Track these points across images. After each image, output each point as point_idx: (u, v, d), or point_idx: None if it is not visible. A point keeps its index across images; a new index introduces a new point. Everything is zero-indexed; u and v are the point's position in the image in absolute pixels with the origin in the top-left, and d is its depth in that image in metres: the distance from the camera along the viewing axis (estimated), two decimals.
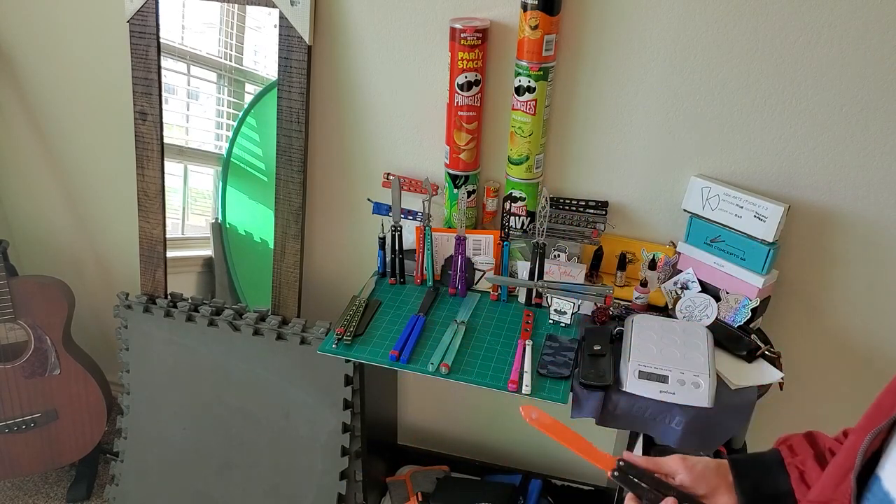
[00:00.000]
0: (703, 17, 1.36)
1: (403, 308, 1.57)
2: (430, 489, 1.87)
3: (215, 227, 1.81)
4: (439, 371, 1.37)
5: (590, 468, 1.95)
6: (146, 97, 1.71)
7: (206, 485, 1.84)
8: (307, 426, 1.71)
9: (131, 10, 1.65)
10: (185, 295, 1.84)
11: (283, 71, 1.59)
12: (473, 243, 1.61)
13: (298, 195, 1.68)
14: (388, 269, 1.67)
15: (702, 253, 1.50)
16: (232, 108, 1.70)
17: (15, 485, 2.10)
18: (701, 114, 1.44)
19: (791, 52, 1.34)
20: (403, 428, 2.10)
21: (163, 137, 1.74)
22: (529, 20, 1.37)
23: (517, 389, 1.33)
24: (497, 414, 1.98)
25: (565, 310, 1.49)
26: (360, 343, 1.46)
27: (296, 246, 1.72)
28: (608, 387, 1.34)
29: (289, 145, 1.64)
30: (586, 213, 1.57)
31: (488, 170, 1.64)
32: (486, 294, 1.63)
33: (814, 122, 1.39)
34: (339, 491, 1.71)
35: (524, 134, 1.49)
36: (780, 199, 1.41)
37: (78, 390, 1.92)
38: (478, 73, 1.47)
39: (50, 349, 1.86)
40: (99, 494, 2.07)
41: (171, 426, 1.84)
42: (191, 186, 1.79)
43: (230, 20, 1.62)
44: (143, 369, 1.84)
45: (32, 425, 1.91)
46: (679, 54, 1.40)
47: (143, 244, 1.83)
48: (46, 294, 1.85)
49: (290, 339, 1.67)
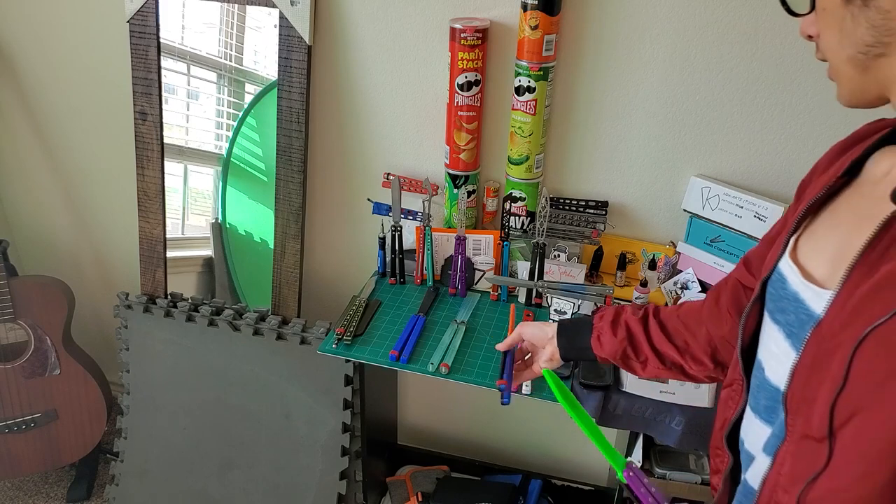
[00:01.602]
0: (702, 16, 1.36)
1: (403, 308, 1.57)
2: (430, 489, 1.87)
3: (215, 227, 1.81)
4: (439, 371, 1.37)
5: (589, 468, 1.95)
6: (146, 97, 1.71)
7: (206, 485, 1.83)
8: (307, 426, 1.71)
9: (131, 10, 1.65)
10: (185, 295, 1.84)
11: (283, 71, 1.59)
12: (473, 243, 1.61)
13: (298, 195, 1.68)
14: (388, 269, 1.67)
15: (702, 253, 1.50)
16: (232, 108, 1.70)
17: (15, 485, 2.10)
18: (701, 114, 1.44)
19: (791, 52, 1.34)
20: (403, 428, 2.10)
21: (163, 137, 1.74)
22: (529, 20, 1.37)
23: (517, 389, 1.33)
24: (497, 414, 1.98)
25: (565, 310, 1.49)
26: (360, 343, 1.46)
27: (296, 246, 1.72)
28: (608, 387, 1.34)
29: (289, 145, 1.64)
30: (586, 213, 1.57)
31: (488, 170, 1.64)
32: (486, 294, 1.63)
33: (814, 121, 1.39)
34: (339, 491, 1.71)
35: (524, 134, 1.49)
36: (780, 199, 1.41)
37: (78, 390, 1.92)
38: (478, 73, 1.47)
39: (50, 349, 1.86)
40: (99, 494, 2.07)
41: (171, 426, 1.84)
42: (191, 186, 1.79)
43: (230, 20, 1.62)
44: (143, 369, 1.84)
45: (32, 425, 1.91)
46: (679, 54, 1.40)
47: (143, 244, 1.83)
48: (46, 294, 1.85)
49: (290, 339, 1.67)
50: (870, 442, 0.58)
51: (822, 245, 0.68)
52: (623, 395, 1.33)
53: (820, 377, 0.62)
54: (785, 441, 0.67)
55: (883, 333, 0.56)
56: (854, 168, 0.69)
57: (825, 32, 0.65)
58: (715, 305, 0.93)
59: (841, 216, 0.68)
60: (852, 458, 0.59)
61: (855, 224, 0.63)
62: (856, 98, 0.66)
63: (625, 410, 1.34)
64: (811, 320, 0.64)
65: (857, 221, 0.63)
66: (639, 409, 1.33)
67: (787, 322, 0.69)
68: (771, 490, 0.69)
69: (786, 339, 0.69)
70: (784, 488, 0.66)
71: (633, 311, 1.02)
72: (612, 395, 1.33)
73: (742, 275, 0.90)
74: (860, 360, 0.57)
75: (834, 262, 0.64)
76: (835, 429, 0.60)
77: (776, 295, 0.72)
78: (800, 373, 0.65)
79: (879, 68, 0.61)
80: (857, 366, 0.58)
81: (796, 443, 0.66)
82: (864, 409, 0.58)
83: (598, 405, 1.34)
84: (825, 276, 0.65)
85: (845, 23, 0.61)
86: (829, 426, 0.60)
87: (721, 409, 0.83)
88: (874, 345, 0.56)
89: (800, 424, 0.65)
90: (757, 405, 0.74)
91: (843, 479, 0.60)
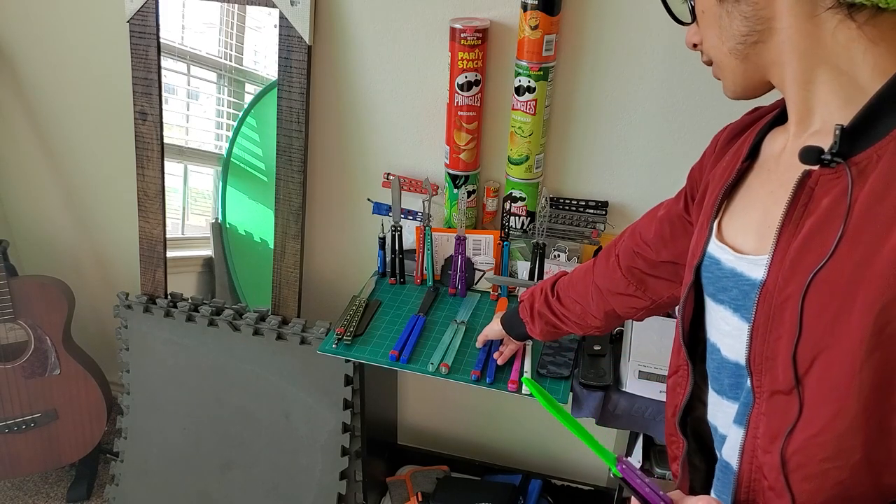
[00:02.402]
0: None
1: (403, 308, 1.57)
2: (430, 489, 1.87)
3: (215, 227, 1.81)
4: (439, 371, 1.37)
5: (589, 469, 1.95)
6: (146, 97, 1.71)
7: (206, 485, 1.84)
8: (307, 426, 1.71)
9: (131, 10, 1.65)
10: (185, 295, 1.84)
11: (283, 71, 1.59)
12: (473, 243, 1.61)
13: (298, 195, 1.68)
14: (388, 269, 1.67)
15: None
16: (232, 108, 1.70)
17: (15, 485, 2.10)
18: (701, 113, 1.44)
19: None
20: (403, 428, 2.10)
21: (163, 137, 1.74)
22: (529, 20, 1.37)
23: (517, 390, 1.33)
24: (497, 414, 1.98)
25: None
26: (360, 343, 1.46)
27: (296, 246, 1.72)
28: (608, 387, 1.34)
29: (289, 145, 1.64)
30: (586, 213, 1.57)
31: (488, 170, 1.64)
32: (486, 294, 1.63)
33: None
34: (339, 491, 1.71)
35: (524, 134, 1.49)
36: None
37: (78, 390, 1.92)
38: (478, 73, 1.47)
39: (50, 349, 1.86)
40: (99, 494, 2.07)
41: (171, 426, 1.84)
42: (191, 186, 1.79)
43: (230, 20, 1.62)
44: (143, 369, 1.84)
45: (32, 425, 1.91)
46: (679, 54, 1.40)
47: (143, 244, 1.83)
48: (46, 294, 1.85)
49: (290, 339, 1.67)
50: (834, 379, 0.61)
51: (744, 221, 0.73)
52: (623, 395, 1.33)
53: (777, 333, 0.66)
54: (755, 404, 0.70)
55: (823, 277, 0.61)
56: (751, 151, 0.76)
57: (707, 32, 0.72)
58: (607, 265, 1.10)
59: (755, 192, 0.74)
60: (822, 400, 0.63)
61: (770, 194, 0.70)
62: (741, 87, 0.73)
63: (625, 410, 1.34)
64: (755, 288, 0.68)
65: (772, 191, 0.70)
66: (639, 409, 1.33)
67: (732, 298, 0.73)
68: (750, 456, 0.71)
69: (734, 314, 0.72)
70: (764, 449, 0.69)
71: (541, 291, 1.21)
72: (612, 395, 1.33)
73: (636, 243, 1.05)
74: (809, 305, 0.62)
75: (760, 231, 0.70)
76: (800, 377, 0.64)
77: (713, 277, 0.76)
78: (756, 336, 0.68)
79: (759, 54, 0.68)
80: (808, 312, 0.62)
81: (766, 401, 0.68)
82: (823, 351, 0.62)
83: (598, 405, 1.34)
84: (755, 246, 0.70)
85: (722, 20, 0.69)
86: (794, 375, 0.64)
87: (670, 396, 0.87)
88: (818, 289, 0.61)
89: (766, 382, 0.68)
90: (721, 387, 0.77)
91: (817, 422, 0.63)
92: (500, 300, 1.60)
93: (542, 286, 1.22)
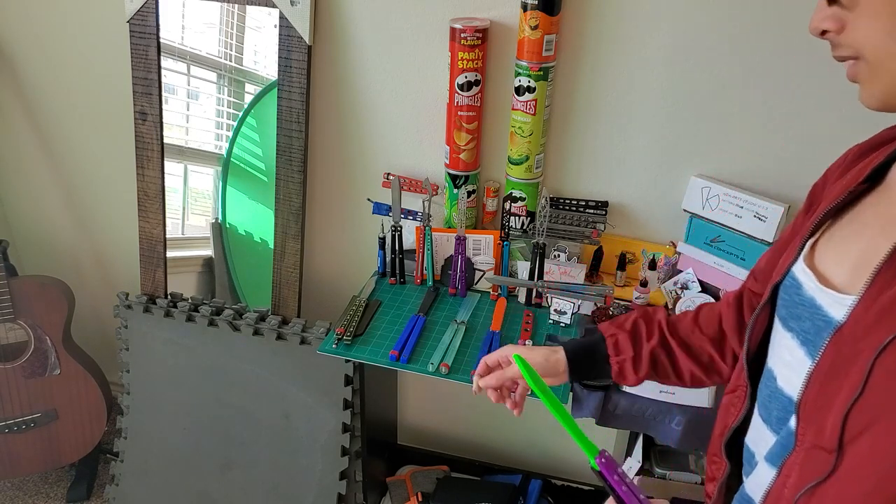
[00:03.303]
0: (703, 16, 1.36)
1: (403, 308, 1.57)
2: (430, 489, 1.87)
3: (215, 227, 1.81)
4: (439, 371, 1.37)
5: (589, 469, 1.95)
6: (146, 97, 1.71)
7: (206, 485, 1.84)
8: (307, 426, 1.71)
9: (131, 10, 1.65)
10: (185, 295, 1.84)
11: (283, 71, 1.59)
12: (473, 243, 1.61)
13: (298, 195, 1.68)
14: (388, 269, 1.67)
15: (702, 253, 1.50)
16: (232, 108, 1.70)
17: (15, 485, 2.10)
18: (701, 114, 1.44)
19: (791, 52, 1.34)
20: (403, 428, 2.10)
21: (163, 137, 1.74)
22: (529, 20, 1.37)
23: None
24: (497, 414, 1.98)
25: (565, 310, 1.49)
26: (360, 343, 1.46)
27: (296, 246, 1.72)
28: (608, 387, 1.34)
29: (289, 145, 1.64)
30: (586, 213, 1.57)
31: (488, 170, 1.64)
32: (486, 294, 1.63)
33: (814, 121, 1.38)
34: (339, 491, 1.71)
35: (524, 134, 1.49)
36: (780, 199, 1.40)
37: (78, 390, 1.92)
38: (478, 73, 1.47)
39: (50, 349, 1.86)
40: (99, 494, 2.07)
41: (171, 426, 1.84)
42: (191, 186, 1.79)
43: (230, 20, 1.62)
44: (143, 369, 1.84)
45: (32, 425, 1.91)
46: (679, 54, 1.40)
47: (143, 244, 1.83)
48: (46, 294, 1.85)
49: (290, 339, 1.67)
50: (882, 453, 0.55)
51: (842, 250, 0.65)
52: (623, 395, 1.33)
53: (837, 385, 0.60)
54: (794, 451, 0.65)
55: None
56: (875, 174, 0.66)
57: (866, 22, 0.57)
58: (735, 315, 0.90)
59: (864, 221, 0.65)
60: (865, 471, 0.57)
61: (880, 229, 0.61)
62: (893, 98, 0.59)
63: (625, 410, 1.34)
64: (829, 326, 0.62)
65: (883, 226, 0.61)
66: (639, 409, 1.33)
67: (803, 329, 0.66)
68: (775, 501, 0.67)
69: (800, 347, 0.66)
70: (789, 500, 0.65)
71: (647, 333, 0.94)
72: (612, 395, 1.33)
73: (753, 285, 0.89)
74: (881, 368, 0.55)
75: (856, 267, 0.62)
76: (845, 441, 0.58)
77: (790, 301, 0.69)
78: (815, 380, 0.63)
79: None
80: (877, 374, 0.55)
81: (805, 452, 0.63)
82: (880, 420, 0.55)
83: (598, 405, 1.34)
84: (845, 281, 0.63)
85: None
86: (839, 436, 0.58)
87: (722, 414, 0.81)
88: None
89: (811, 434, 0.63)
90: (769, 416, 0.72)
91: (851, 490, 0.58)
92: (499, 300, 1.60)
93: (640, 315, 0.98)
